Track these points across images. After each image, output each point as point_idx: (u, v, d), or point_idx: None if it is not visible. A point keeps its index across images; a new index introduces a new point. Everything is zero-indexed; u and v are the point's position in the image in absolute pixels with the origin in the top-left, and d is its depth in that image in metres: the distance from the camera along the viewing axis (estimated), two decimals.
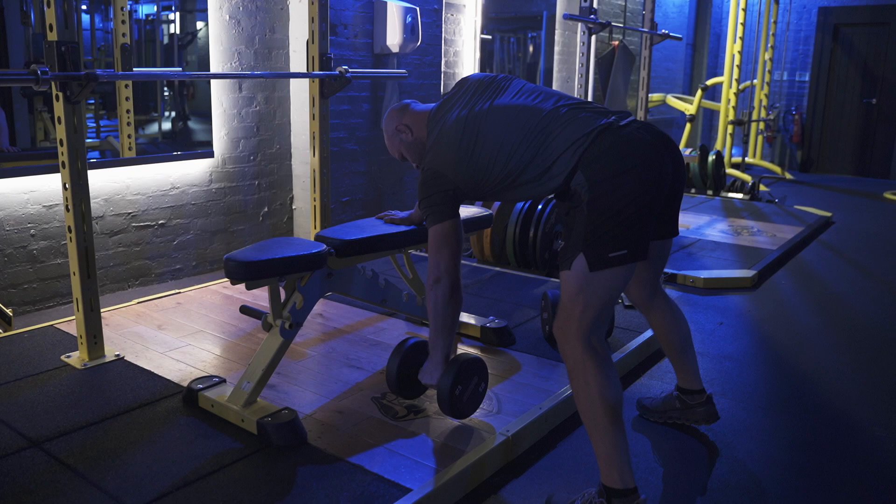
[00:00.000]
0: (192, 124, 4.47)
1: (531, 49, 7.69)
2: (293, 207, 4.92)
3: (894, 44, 9.73)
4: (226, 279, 2.48)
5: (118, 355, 2.99)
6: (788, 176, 9.55)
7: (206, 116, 4.36)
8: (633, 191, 2.03)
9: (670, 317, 2.55)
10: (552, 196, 2.23)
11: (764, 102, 9.46)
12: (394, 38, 5.03)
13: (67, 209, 2.81)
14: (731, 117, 8.42)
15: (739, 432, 2.68)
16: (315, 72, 3.84)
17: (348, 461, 2.25)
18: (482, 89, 2.41)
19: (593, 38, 4.97)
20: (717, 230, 5.99)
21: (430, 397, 2.69)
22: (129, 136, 3.98)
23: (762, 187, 7.99)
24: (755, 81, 9.14)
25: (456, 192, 2.36)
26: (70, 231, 2.82)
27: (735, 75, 8.34)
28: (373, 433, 2.43)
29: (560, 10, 7.51)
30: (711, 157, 7.88)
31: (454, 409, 2.46)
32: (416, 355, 2.60)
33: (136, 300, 3.69)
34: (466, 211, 3.23)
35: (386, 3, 5.00)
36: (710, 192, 7.79)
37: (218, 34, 4.27)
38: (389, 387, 2.62)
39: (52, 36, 2.64)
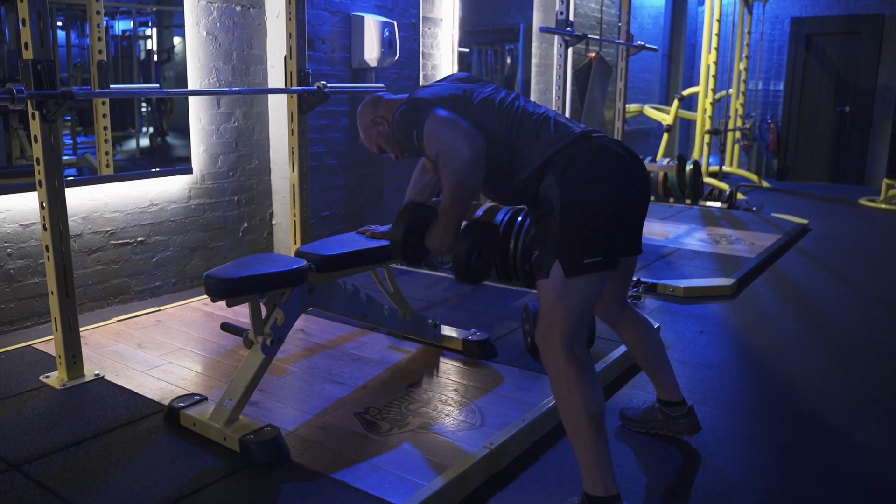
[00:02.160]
0: (170, 140, 4.45)
1: (509, 61, 7.74)
2: (273, 223, 4.91)
3: (865, 53, 9.89)
4: (206, 296, 2.46)
5: (98, 375, 2.96)
6: (765, 184, 9.65)
7: (184, 132, 4.34)
8: (604, 199, 2.06)
9: (641, 331, 2.56)
10: (524, 205, 2.25)
11: (740, 112, 9.58)
12: (372, 52, 5.04)
13: (45, 228, 2.78)
14: (707, 127, 8.51)
15: (721, 440, 2.70)
16: (293, 87, 3.85)
17: (332, 477, 2.24)
18: (466, 81, 2.46)
19: (570, 50, 5.02)
20: (695, 239, 6.04)
21: (415, 412, 2.69)
22: (106, 153, 3.96)
23: (740, 195, 8.07)
24: (731, 91, 9.25)
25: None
26: (48, 250, 2.80)
27: (711, 85, 8.44)
28: (356, 449, 2.42)
29: (536, 23, 7.57)
30: (689, 167, 7.95)
31: (469, 276, 2.40)
32: (423, 217, 2.49)
33: (116, 318, 3.66)
34: None
35: (363, 17, 5.02)
36: (688, 201, 7.86)
37: (195, 50, 4.26)
38: (394, 251, 2.53)
39: (28, 54, 2.62)
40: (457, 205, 2.25)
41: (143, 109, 4.37)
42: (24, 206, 3.57)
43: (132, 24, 4.24)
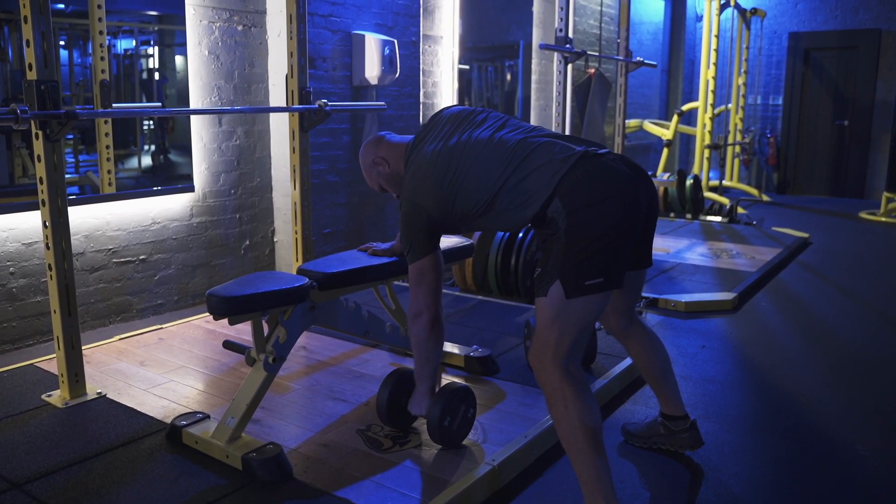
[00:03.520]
0: (172, 158, 4.47)
1: (508, 77, 7.78)
2: (275, 240, 4.92)
3: (863, 67, 9.93)
4: (208, 314, 2.47)
5: (100, 393, 2.96)
6: (765, 198, 9.67)
7: (186, 150, 4.37)
8: (609, 219, 2.06)
9: (648, 344, 2.57)
10: (530, 225, 2.26)
11: (739, 126, 9.60)
12: (372, 70, 5.07)
13: (48, 247, 2.80)
14: (707, 141, 8.53)
15: (724, 455, 2.69)
16: (294, 106, 3.87)
17: (334, 495, 2.24)
18: (458, 122, 2.44)
19: (569, 66, 5.04)
20: (696, 253, 6.04)
21: (417, 428, 2.69)
22: (108, 172, 3.98)
23: (740, 210, 8.08)
24: (730, 106, 9.29)
25: (435, 226, 2.39)
26: (50, 269, 2.81)
27: (710, 100, 8.47)
28: (359, 466, 2.42)
29: (536, 40, 7.62)
30: (689, 181, 7.97)
31: (444, 439, 2.50)
32: (405, 385, 2.64)
33: (118, 336, 3.67)
34: (448, 241, 3.25)
35: (364, 36, 5.05)
36: (688, 215, 7.87)
37: (197, 69, 4.29)
38: (380, 417, 2.65)
39: (32, 75, 2.64)
40: (424, 367, 2.52)
41: (146, 128, 4.39)
42: (26, 224, 3.59)
43: (134, 43, 4.27)
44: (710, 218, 7.77)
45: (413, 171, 2.41)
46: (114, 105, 3.96)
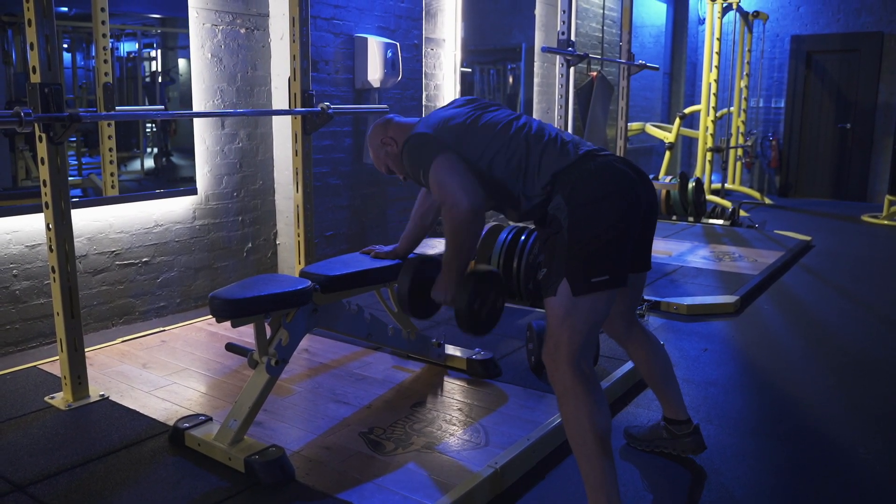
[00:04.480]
0: (175, 161, 4.48)
1: (511, 80, 7.79)
2: (277, 243, 4.93)
3: (865, 70, 9.93)
4: (211, 316, 2.48)
5: (103, 395, 2.97)
6: (768, 201, 9.66)
7: (188, 153, 4.37)
8: (611, 216, 2.08)
9: (648, 348, 2.57)
10: (533, 226, 2.28)
11: (741, 129, 9.60)
12: (375, 73, 5.08)
13: (51, 249, 2.80)
14: (709, 144, 8.53)
15: (726, 458, 2.69)
16: (297, 108, 3.87)
17: (337, 498, 2.24)
18: (471, 103, 2.50)
19: (571, 69, 5.05)
20: (698, 256, 6.04)
21: (419, 431, 2.69)
22: (111, 174, 3.98)
23: (742, 213, 8.07)
24: (732, 109, 9.28)
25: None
26: (54, 271, 2.82)
27: (712, 103, 8.47)
28: (361, 469, 2.42)
29: (538, 43, 7.62)
30: (691, 184, 7.96)
31: (473, 326, 2.41)
32: (428, 271, 2.50)
33: (121, 339, 3.67)
34: None
35: (366, 39, 5.06)
36: (690, 218, 7.86)
37: (200, 72, 4.30)
38: (401, 306, 2.54)
39: (36, 78, 2.65)
40: (457, 256, 2.34)
41: (148, 130, 4.40)
42: (29, 227, 3.59)
43: (137, 45, 4.28)
44: (712, 221, 7.77)
45: (423, 126, 2.40)
46: (117, 108, 3.96)
